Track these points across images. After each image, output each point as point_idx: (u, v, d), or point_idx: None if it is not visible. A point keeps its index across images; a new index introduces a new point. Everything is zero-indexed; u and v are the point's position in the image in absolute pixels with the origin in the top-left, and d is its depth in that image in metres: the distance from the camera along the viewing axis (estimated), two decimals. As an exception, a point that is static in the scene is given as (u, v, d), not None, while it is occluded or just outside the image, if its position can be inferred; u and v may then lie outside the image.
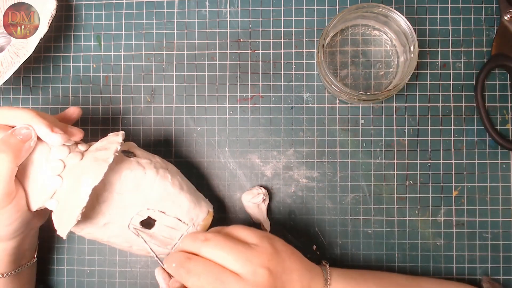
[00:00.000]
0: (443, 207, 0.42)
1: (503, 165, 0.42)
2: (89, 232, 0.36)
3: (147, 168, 0.35)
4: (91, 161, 0.33)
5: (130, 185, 0.35)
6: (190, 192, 0.37)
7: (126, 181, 0.35)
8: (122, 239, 0.36)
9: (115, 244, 0.37)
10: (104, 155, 0.33)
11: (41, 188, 0.34)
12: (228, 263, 0.32)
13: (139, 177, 0.35)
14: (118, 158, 0.35)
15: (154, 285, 0.44)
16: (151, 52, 0.45)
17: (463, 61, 0.43)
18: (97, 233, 0.36)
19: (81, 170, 0.33)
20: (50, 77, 0.46)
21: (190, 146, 0.44)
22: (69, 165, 0.34)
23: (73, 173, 0.33)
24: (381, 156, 0.43)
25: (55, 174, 0.33)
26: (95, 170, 0.32)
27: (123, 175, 0.35)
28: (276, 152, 0.44)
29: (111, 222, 0.35)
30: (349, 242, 0.43)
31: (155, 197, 0.35)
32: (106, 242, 0.37)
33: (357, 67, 0.44)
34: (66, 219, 0.32)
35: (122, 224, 0.35)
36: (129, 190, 0.35)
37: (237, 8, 0.45)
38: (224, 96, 0.45)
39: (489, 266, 0.42)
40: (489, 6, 0.44)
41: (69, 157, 0.34)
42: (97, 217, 0.35)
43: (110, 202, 0.35)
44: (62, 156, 0.34)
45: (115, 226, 0.35)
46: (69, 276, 0.44)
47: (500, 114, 0.43)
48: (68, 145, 0.35)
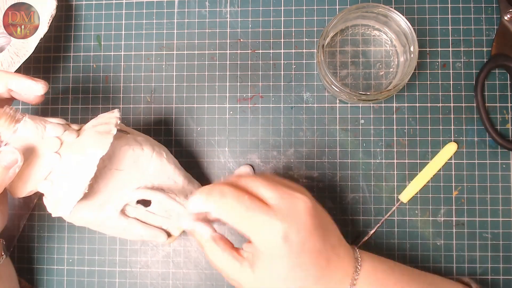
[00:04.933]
0: (443, 207, 0.42)
1: (503, 165, 0.42)
2: (82, 217, 0.35)
3: (143, 145, 0.36)
4: (93, 134, 0.33)
5: (129, 160, 0.35)
6: (183, 169, 0.39)
7: (125, 156, 0.35)
8: (116, 222, 0.36)
9: (107, 229, 0.37)
10: (106, 128, 0.33)
11: (35, 170, 0.33)
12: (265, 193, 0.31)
13: (137, 153, 0.35)
14: (116, 135, 0.34)
15: (154, 285, 0.44)
16: (151, 52, 0.45)
17: (463, 61, 0.43)
18: (91, 216, 0.35)
19: (81, 144, 0.33)
20: (50, 77, 0.46)
21: (190, 146, 0.44)
22: (66, 143, 0.33)
23: (72, 149, 0.33)
24: (381, 156, 0.43)
25: (53, 151, 0.33)
26: (100, 142, 0.32)
27: (122, 151, 0.35)
28: (276, 152, 0.44)
29: (107, 202, 0.35)
30: (349, 242, 0.43)
31: (152, 172, 0.36)
32: (97, 227, 0.36)
33: (357, 67, 0.44)
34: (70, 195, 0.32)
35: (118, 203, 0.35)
36: (128, 166, 0.35)
37: (237, 8, 0.45)
38: (224, 96, 0.45)
39: (489, 266, 0.42)
40: (489, 6, 0.44)
41: (65, 135, 0.33)
42: (93, 197, 0.34)
43: (108, 179, 0.35)
44: (58, 134, 0.33)
45: (111, 206, 0.35)
46: (69, 276, 0.44)
47: (500, 114, 0.43)
48: (62, 124, 0.34)
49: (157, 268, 0.44)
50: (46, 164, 0.33)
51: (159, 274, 0.44)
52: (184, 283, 0.43)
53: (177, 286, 0.43)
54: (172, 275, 0.44)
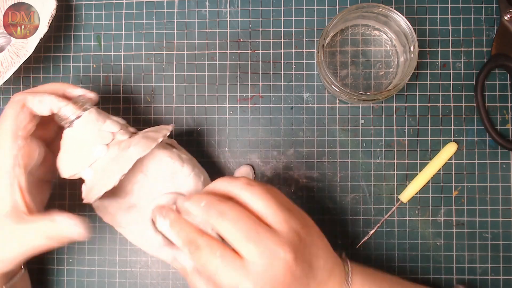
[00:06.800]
0: (443, 207, 0.42)
1: (503, 165, 0.42)
2: (111, 212, 0.36)
3: (185, 162, 0.37)
4: (141, 137, 0.35)
5: (166, 172, 0.36)
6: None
7: (164, 167, 0.36)
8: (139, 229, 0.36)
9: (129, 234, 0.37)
10: (154, 135, 0.35)
11: (83, 155, 0.35)
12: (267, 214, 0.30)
13: (176, 168, 0.36)
14: (162, 145, 0.36)
15: (154, 285, 0.44)
16: (151, 52, 0.45)
17: (463, 61, 0.43)
18: (118, 216, 0.36)
19: (128, 143, 0.34)
20: (50, 77, 0.46)
21: (190, 146, 0.44)
22: (117, 139, 0.35)
23: (120, 145, 0.35)
24: (381, 156, 0.43)
25: (103, 143, 0.35)
26: (144, 144, 0.34)
27: (163, 161, 0.36)
28: (276, 152, 0.44)
29: (136, 205, 0.36)
30: (348, 242, 0.43)
31: (185, 191, 0.36)
32: (123, 229, 0.37)
33: (357, 67, 0.44)
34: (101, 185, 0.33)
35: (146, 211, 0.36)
36: (164, 178, 0.36)
37: (237, 8, 0.45)
38: (224, 96, 0.45)
39: (489, 266, 0.42)
40: (489, 6, 0.44)
41: (119, 133, 0.36)
42: (125, 197, 0.36)
43: (142, 184, 0.36)
44: (114, 130, 0.35)
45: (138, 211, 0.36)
46: (69, 276, 0.44)
47: (500, 114, 0.43)
48: (121, 123, 0.37)
49: (157, 268, 0.44)
50: (93, 153, 0.35)
51: (159, 274, 0.44)
52: (184, 283, 0.43)
53: (177, 286, 0.44)
54: (172, 275, 0.44)
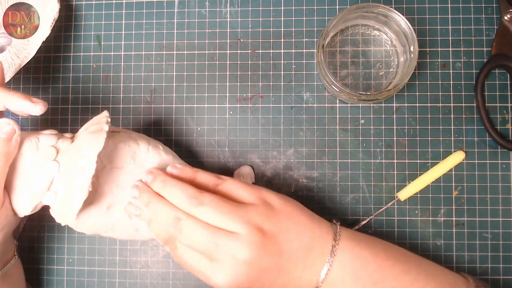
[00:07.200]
0: (443, 207, 0.42)
1: (503, 165, 0.42)
2: (93, 223, 0.35)
3: (138, 140, 0.36)
4: (86, 136, 0.33)
5: (126, 157, 0.35)
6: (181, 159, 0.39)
7: (122, 154, 0.35)
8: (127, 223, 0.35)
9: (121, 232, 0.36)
10: (97, 127, 0.33)
11: (36, 182, 0.33)
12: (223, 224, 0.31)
13: (133, 149, 0.35)
14: (109, 134, 0.34)
15: (154, 285, 0.44)
16: (151, 52, 0.45)
17: (463, 61, 0.43)
18: (101, 221, 0.35)
19: (77, 148, 0.33)
20: (50, 77, 0.46)
21: (190, 146, 0.44)
22: (62, 150, 0.33)
23: (69, 153, 0.33)
24: (381, 156, 0.43)
25: (50, 160, 0.33)
26: (94, 140, 0.32)
27: (118, 148, 0.35)
28: (276, 152, 0.44)
29: (115, 203, 0.35)
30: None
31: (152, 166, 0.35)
32: (111, 231, 0.36)
33: (357, 67, 0.44)
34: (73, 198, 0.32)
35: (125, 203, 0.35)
36: (127, 163, 0.35)
37: (237, 8, 0.45)
38: (224, 96, 0.45)
39: (489, 266, 0.42)
40: (489, 6, 0.44)
41: (59, 143, 0.34)
42: (100, 200, 0.34)
43: (110, 179, 0.35)
44: (53, 143, 0.34)
45: (119, 207, 0.35)
46: (69, 276, 0.44)
47: (500, 114, 0.43)
48: (55, 134, 0.35)
49: (157, 268, 0.44)
50: (46, 175, 0.33)
51: (159, 274, 0.44)
52: (184, 283, 0.43)
53: (177, 286, 0.44)
54: (172, 275, 0.44)
